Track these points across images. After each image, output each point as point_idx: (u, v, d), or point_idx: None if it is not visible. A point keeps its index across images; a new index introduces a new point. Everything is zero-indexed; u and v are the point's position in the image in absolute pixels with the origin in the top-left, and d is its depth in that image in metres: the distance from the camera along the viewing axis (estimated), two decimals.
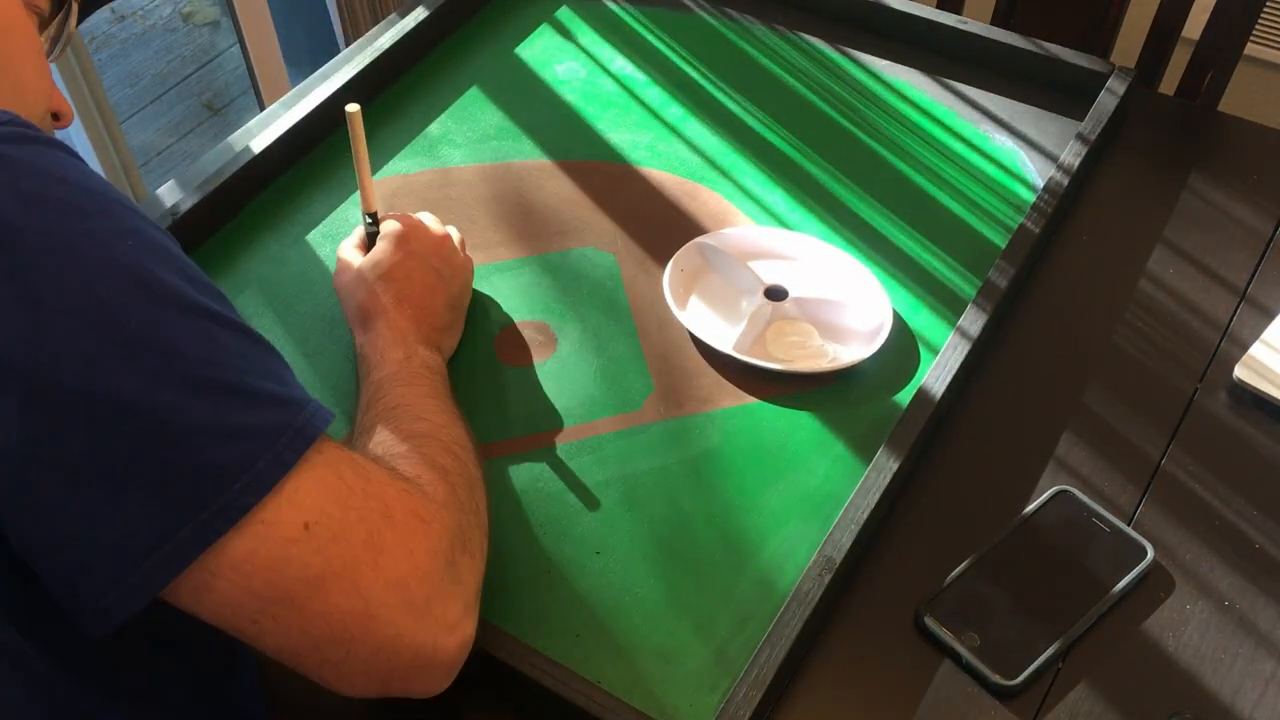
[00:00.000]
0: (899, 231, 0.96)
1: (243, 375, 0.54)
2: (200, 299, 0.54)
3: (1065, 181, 0.95)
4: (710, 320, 0.89)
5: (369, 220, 0.85)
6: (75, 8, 0.71)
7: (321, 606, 0.54)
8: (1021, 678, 0.69)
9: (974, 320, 0.85)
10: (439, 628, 0.58)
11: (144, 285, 0.52)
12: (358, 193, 0.84)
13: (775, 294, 0.89)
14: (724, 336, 0.87)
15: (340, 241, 0.96)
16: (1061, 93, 1.08)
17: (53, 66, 0.69)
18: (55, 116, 0.69)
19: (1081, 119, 1.02)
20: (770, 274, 0.91)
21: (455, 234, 0.89)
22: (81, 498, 0.50)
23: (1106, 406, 0.84)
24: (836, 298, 0.89)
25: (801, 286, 0.90)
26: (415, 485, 0.61)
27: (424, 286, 0.81)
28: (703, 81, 1.11)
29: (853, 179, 1.01)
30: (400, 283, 0.80)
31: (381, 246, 0.83)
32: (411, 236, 0.83)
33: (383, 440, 0.67)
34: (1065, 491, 0.78)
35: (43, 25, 0.67)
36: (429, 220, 0.87)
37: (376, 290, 0.80)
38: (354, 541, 0.55)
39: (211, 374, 0.52)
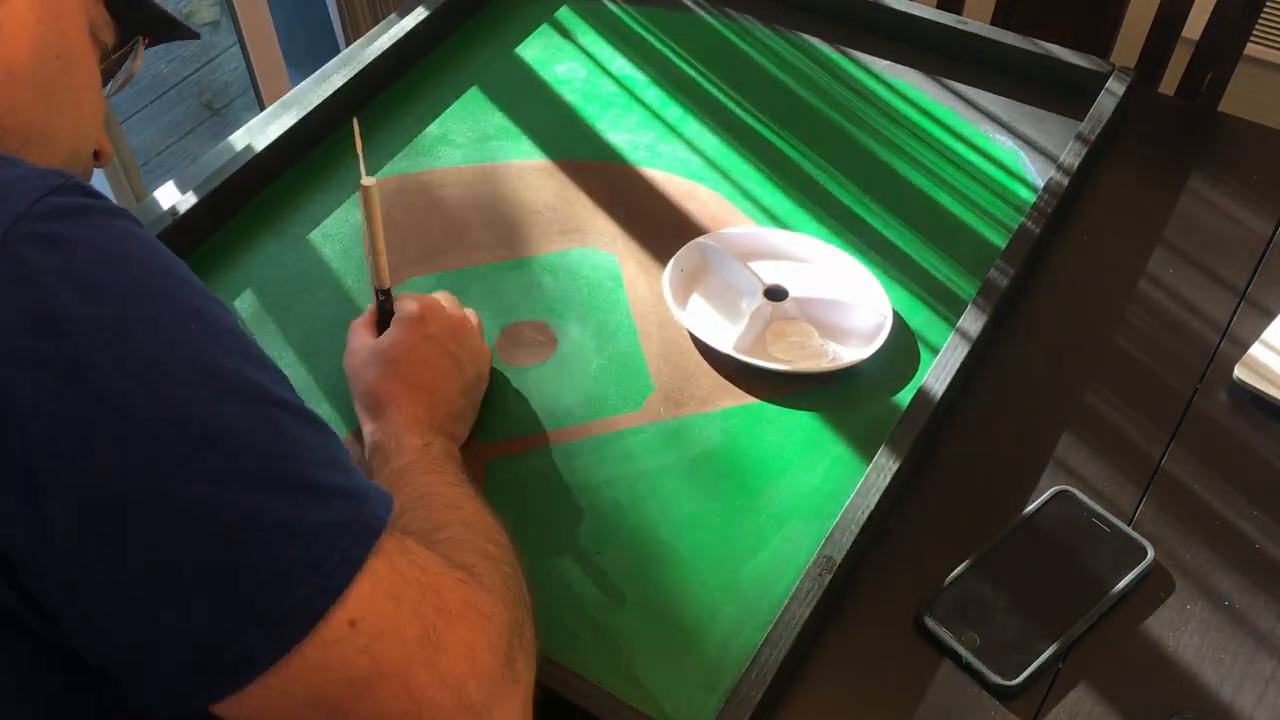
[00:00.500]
0: (899, 231, 0.96)
1: (308, 467, 0.50)
2: (262, 381, 0.51)
3: (1065, 182, 0.95)
4: (710, 320, 0.89)
5: (381, 297, 0.81)
6: (141, 48, 0.69)
7: (368, 711, 0.49)
8: (1021, 678, 0.68)
9: (974, 320, 0.85)
10: None
11: (207, 376, 0.49)
12: (357, 195, 0.84)
13: (775, 294, 0.89)
14: (724, 336, 0.87)
15: (338, 240, 0.96)
16: (1061, 93, 1.08)
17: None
18: (96, 155, 0.67)
19: (1081, 119, 1.02)
20: (770, 274, 0.91)
21: (473, 317, 0.84)
22: (144, 601, 0.47)
23: (1106, 406, 0.84)
24: (836, 297, 0.89)
25: (801, 286, 0.90)
26: (470, 574, 0.56)
27: (439, 372, 0.77)
28: (703, 82, 1.11)
29: (852, 179, 1.01)
30: (414, 368, 0.76)
31: (395, 330, 0.79)
32: (428, 319, 0.79)
33: (419, 529, 0.62)
34: (1065, 491, 0.78)
35: (103, 58, 0.65)
36: (446, 302, 0.83)
37: (389, 375, 0.76)
38: (407, 638, 0.50)
39: (277, 468, 0.49)
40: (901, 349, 0.87)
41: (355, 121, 0.78)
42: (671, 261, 0.91)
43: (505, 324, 0.89)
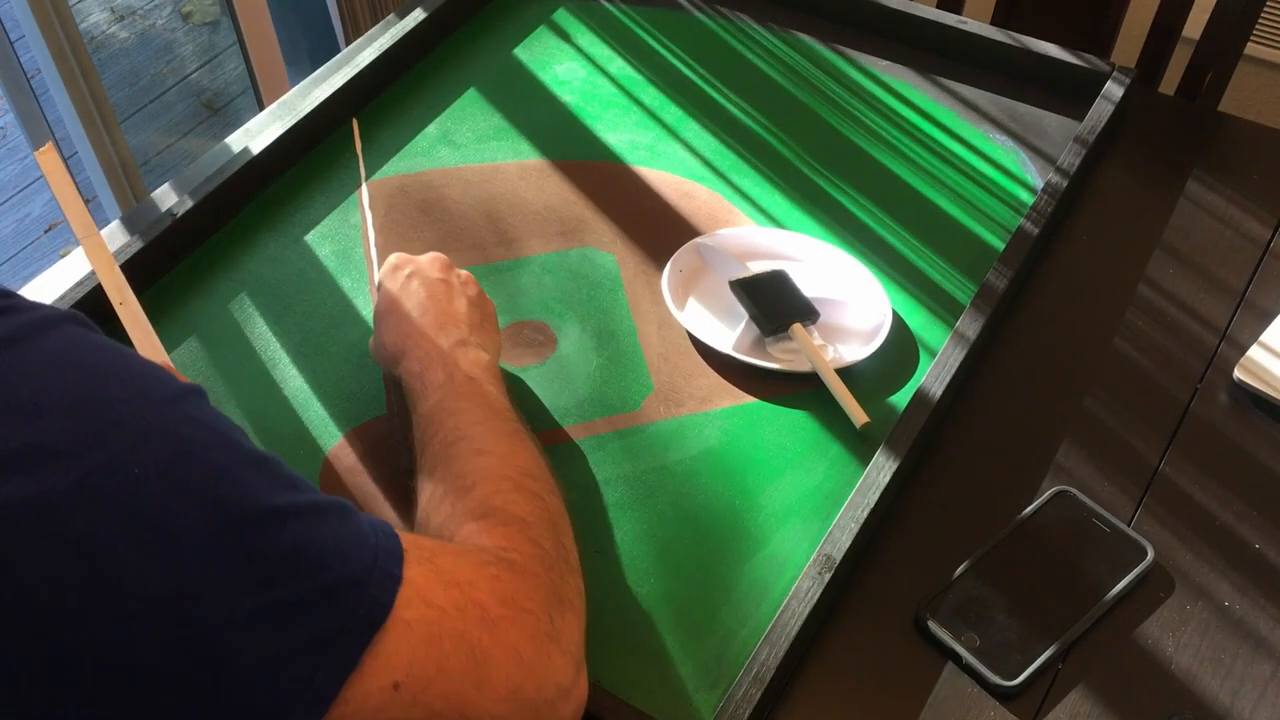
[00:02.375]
0: (898, 232, 0.96)
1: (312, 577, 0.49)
2: (246, 508, 0.49)
3: (1065, 182, 0.95)
4: (709, 321, 0.89)
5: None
6: None
7: None
8: (1021, 678, 0.68)
9: (973, 321, 0.85)
10: (554, 703, 0.55)
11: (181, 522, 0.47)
12: (356, 195, 0.84)
13: None
14: (723, 337, 0.87)
15: (337, 240, 0.96)
16: (1061, 93, 1.08)
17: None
18: None
19: (1081, 119, 1.02)
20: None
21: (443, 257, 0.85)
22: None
23: (1106, 407, 0.84)
24: (835, 297, 0.89)
25: (800, 286, 0.90)
26: (504, 561, 0.57)
27: (433, 295, 0.78)
28: (701, 82, 1.11)
29: (851, 179, 1.01)
30: (408, 304, 0.77)
31: (380, 288, 0.80)
32: (401, 264, 0.81)
33: (450, 492, 0.63)
34: (1065, 492, 0.78)
35: None
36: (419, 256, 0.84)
37: (391, 325, 0.77)
38: (453, 674, 0.51)
39: (266, 596, 0.48)
40: (901, 349, 0.87)
41: (355, 122, 0.78)
42: (670, 262, 0.91)
43: (505, 324, 0.89)
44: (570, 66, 1.12)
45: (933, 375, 0.81)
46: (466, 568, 0.55)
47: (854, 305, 0.89)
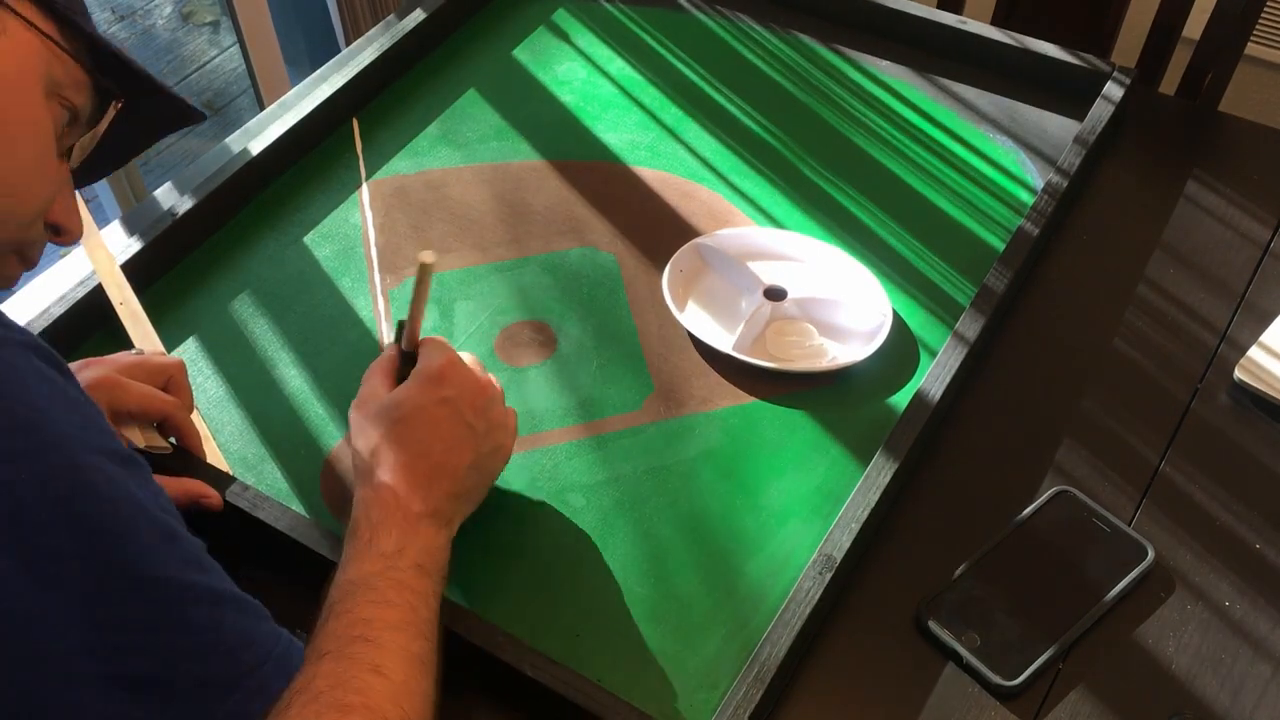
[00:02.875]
0: (898, 233, 0.96)
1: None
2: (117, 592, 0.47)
3: (1065, 182, 0.95)
4: (709, 321, 0.89)
5: (405, 351, 0.74)
6: (111, 112, 0.61)
7: None
8: (1021, 678, 0.68)
9: (973, 321, 0.85)
10: None
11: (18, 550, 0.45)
12: (356, 195, 0.83)
13: (774, 294, 0.89)
14: (723, 337, 0.87)
15: (337, 240, 0.96)
16: (1061, 93, 1.08)
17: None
18: (55, 230, 0.61)
19: (1082, 119, 1.02)
20: (769, 274, 0.91)
21: (496, 384, 0.75)
22: None
23: (1107, 406, 0.84)
24: (835, 297, 0.89)
25: (800, 286, 0.90)
26: None
27: (449, 440, 0.69)
28: (701, 83, 1.11)
29: (852, 180, 1.01)
30: (423, 434, 0.68)
31: (410, 386, 0.70)
32: (447, 379, 0.70)
33: (325, 700, 0.55)
34: (1065, 492, 0.78)
35: (72, 121, 0.59)
36: (472, 363, 0.74)
37: (392, 438, 0.68)
38: None
39: (127, 663, 0.47)
40: (901, 350, 0.87)
41: (355, 122, 0.78)
42: (670, 263, 0.91)
43: (505, 324, 0.89)
44: (570, 67, 1.12)
45: (933, 376, 0.81)
46: None
47: (854, 305, 0.89)
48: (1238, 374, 0.85)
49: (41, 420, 0.47)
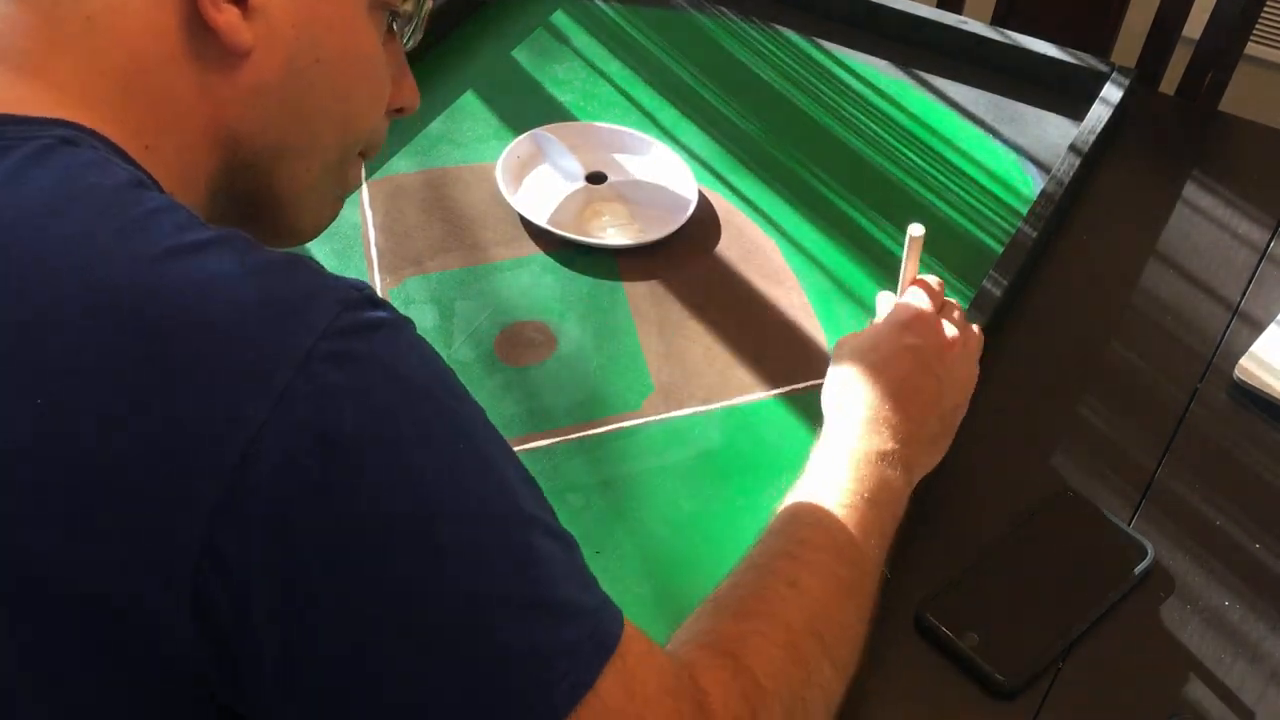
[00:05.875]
0: (897, 236, 0.96)
1: (552, 588, 0.49)
2: (514, 501, 0.49)
3: (1065, 182, 0.95)
4: (535, 202, 0.97)
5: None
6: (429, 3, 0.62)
7: None
8: (1021, 678, 0.68)
9: (974, 315, 0.85)
10: None
11: (465, 498, 0.47)
12: (356, 194, 0.83)
13: (594, 179, 0.98)
14: (544, 215, 0.95)
15: (337, 240, 0.96)
16: (1062, 93, 1.08)
17: None
18: (398, 110, 0.63)
19: (1082, 119, 1.02)
20: (596, 164, 1.00)
21: (978, 334, 0.79)
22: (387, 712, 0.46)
23: (1107, 405, 0.84)
24: (649, 180, 0.98)
25: (620, 172, 0.99)
26: (697, 705, 0.52)
27: (915, 384, 0.72)
28: (697, 85, 1.11)
29: (850, 181, 1.01)
30: (890, 372, 0.72)
31: (881, 326, 0.75)
32: (912, 327, 0.74)
33: (724, 604, 0.60)
34: (1065, 492, 0.78)
35: (393, 16, 0.59)
36: (956, 316, 0.78)
37: (860, 373, 0.72)
38: None
39: (524, 591, 0.47)
40: None
41: None
42: (507, 149, 0.99)
43: (505, 324, 0.89)
44: (570, 67, 1.12)
45: None
46: (656, 687, 0.51)
47: (665, 188, 0.98)
48: (1238, 373, 0.85)
49: (445, 387, 0.49)
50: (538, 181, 0.99)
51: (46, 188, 0.46)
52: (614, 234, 0.95)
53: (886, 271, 0.93)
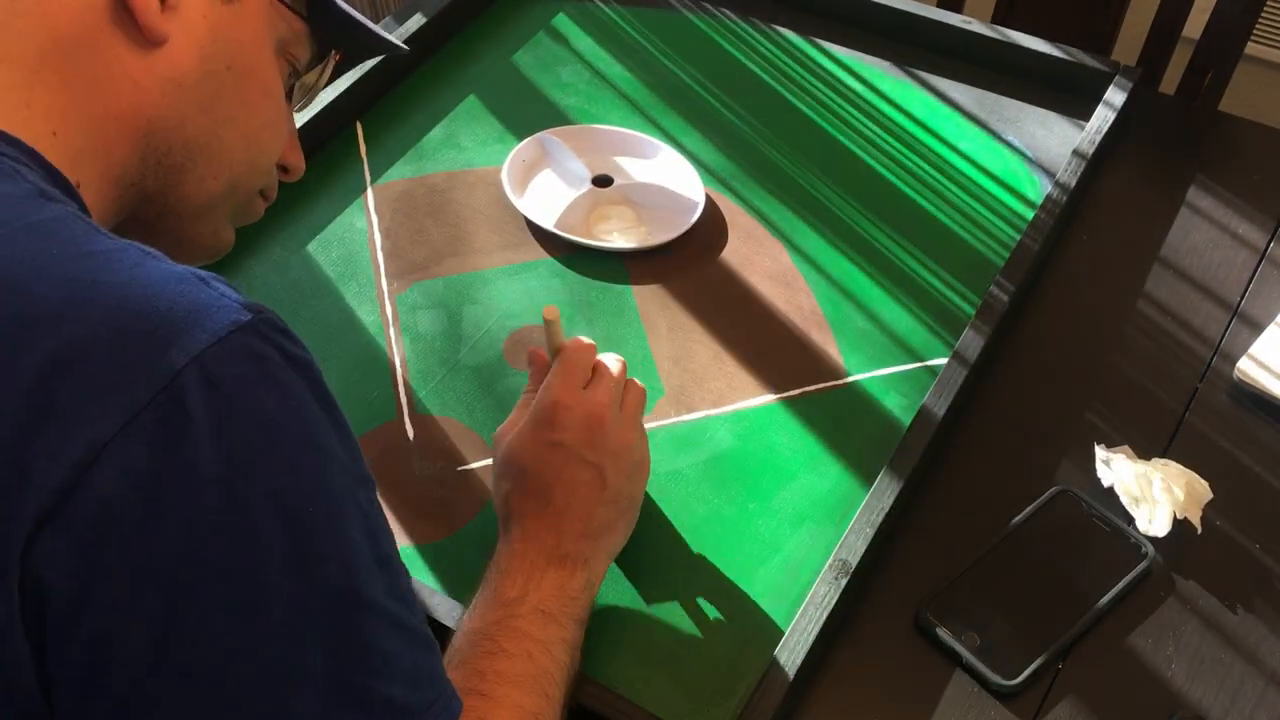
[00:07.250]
0: (899, 240, 0.97)
1: (377, 680, 0.47)
2: (358, 583, 0.47)
3: (1069, 182, 0.96)
4: (542, 205, 0.98)
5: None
6: (332, 64, 0.67)
7: None
8: (1021, 678, 0.69)
9: (980, 326, 0.85)
10: None
11: (305, 567, 0.45)
12: (361, 199, 0.83)
13: (601, 182, 0.99)
14: (551, 218, 0.96)
15: (342, 245, 0.96)
16: (1065, 92, 1.08)
17: None
18: (284, 169, 0.67)
19: (1085, 119, 1.03)
20: (602, 167, 1.00)
21: (637, 389, 0.74)
22: None
23: (1107, 404, 0.85)
24: (655, 183, 0.99)
25: (626, 176, 1.00)
26: None
27: (570, 484, 0.68)
28: (699, 88, 1.11)
29: (853, 185, 1.01)
30: (541, 481, 0.68)
31: (524, 431, 0.70)
32: (555, 422, 0.68)
33: None
34: (1065, 492, 0.78)
35: (294, 75, 0.64)
36: (613, 368, 0.73)
37: (515, 487, 0.69)
38: None
39: (344, 677, 0.46)
40: (904, 355, 0.88)
41: (359, 125, 0.78)
42: (513, 153, 1.00)
43: (513, 328, 0.90)
44: (573, 69, 1.13)
45: (941, 379, 0.82)
46: None
47: (673, 192, 0.98)
48: (1238, 373, 0.85)
49: (317, 445, 0.48)
50: (544, 185, 1.00)
51: None
52: (621, 237, 0.96)
53: (893, 273, 0.93)
